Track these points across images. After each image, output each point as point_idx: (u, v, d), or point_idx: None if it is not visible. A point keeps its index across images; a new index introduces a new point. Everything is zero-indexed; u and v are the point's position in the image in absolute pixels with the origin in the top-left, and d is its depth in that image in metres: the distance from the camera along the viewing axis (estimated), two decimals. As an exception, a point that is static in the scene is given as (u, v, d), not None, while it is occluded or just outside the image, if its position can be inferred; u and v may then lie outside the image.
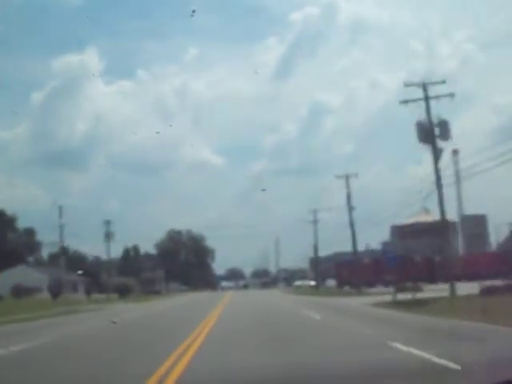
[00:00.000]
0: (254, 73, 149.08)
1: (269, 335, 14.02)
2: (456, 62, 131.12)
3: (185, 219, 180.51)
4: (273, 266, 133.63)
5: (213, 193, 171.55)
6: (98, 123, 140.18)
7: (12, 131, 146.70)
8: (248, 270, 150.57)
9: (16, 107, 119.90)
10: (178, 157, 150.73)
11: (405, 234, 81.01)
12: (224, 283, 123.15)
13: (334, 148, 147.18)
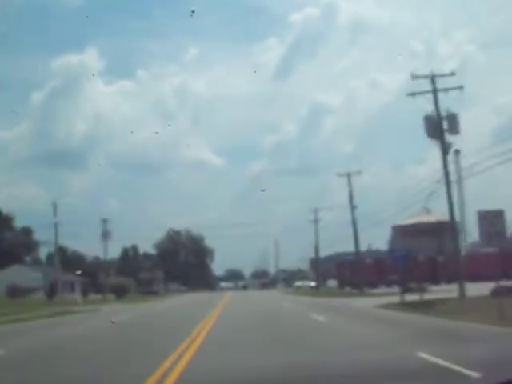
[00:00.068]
0: (254, 73, 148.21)
1: (269, 341, 12.61)
2: (456, 62, 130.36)
3: (184, 219, 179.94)
4: (272, 267, 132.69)
5: (212, 193, 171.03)
6: (98, 123, 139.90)
7: (11, 131, 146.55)
8: (247, 271, 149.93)
9: (16, 107, 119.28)
10: (178, 157, 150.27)
11: (406, 234, 79.98)
12: (223, 284, 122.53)
13: (334, 148, 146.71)
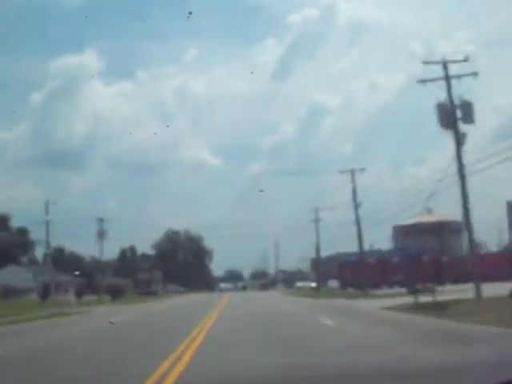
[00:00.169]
0: (251, 74, 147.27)
1: (269, 343, 11.40)
2: (456, 64, 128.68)
3: (183, 220, 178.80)
4: (272, 268, 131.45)
5: (211, 193, 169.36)
6: (97, 124, 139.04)
7: (10, 131, 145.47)
8: (246, 272, 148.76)
9: (15, 107, 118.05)
10: (177, 157, 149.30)
11: (407, 234, 78.87)
12: (222, 284, 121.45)
13: (333, 148, 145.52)
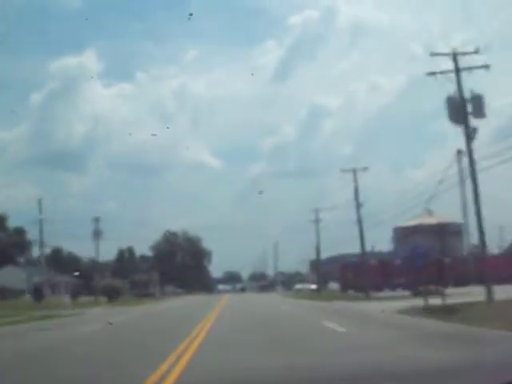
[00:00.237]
0: (251, 75, 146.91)
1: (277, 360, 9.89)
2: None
3: (183, 220, 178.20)
4: (270, 270, 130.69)
5: (211, 194, 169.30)
6: (97, 124, 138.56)
7: (10, 131, 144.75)
8: (245, 273, 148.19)
9: (15, 108, 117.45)
10: (177, 158, 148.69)
11: (408, 236, 78.13)
12: (221, 286, 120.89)
13: (333, 150, 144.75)
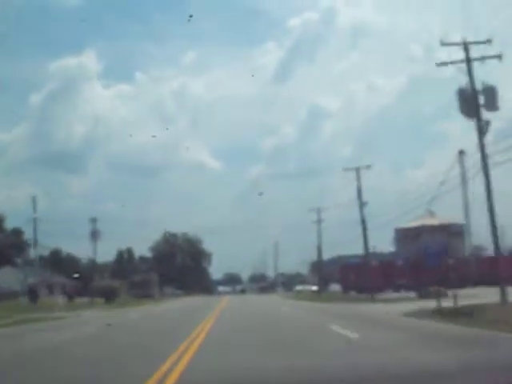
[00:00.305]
0: (251, 76, 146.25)
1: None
2: (455, 65, 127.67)
3: (183, 222, 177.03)
4: (271, 271, 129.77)
5: (211, 195, 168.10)
6: (97, 125, 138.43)
7: (10, 132, 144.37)
8: (245, 275, 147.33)
9: (14, 108, 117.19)
10: (177, 159, 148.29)
11: (409, 237, 77.22)
12: (221, 288, 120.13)
13: (333, 151, 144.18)
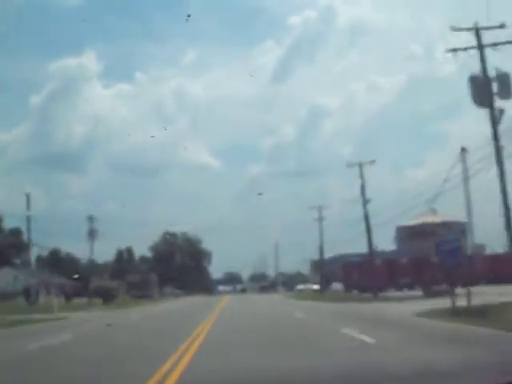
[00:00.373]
0: (251, 76, 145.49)
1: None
2: (455, 64, 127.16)
3: (183, 221, 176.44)
4: (271, 270, 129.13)
5: (211, 195, 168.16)
6: (97, 125, 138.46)
7: (10, 132, 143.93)
8: (245, 274, 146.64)
9: (14, 108, 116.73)
10: (176, 159, 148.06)
11: (411, 235, 76.45)
12: (221, 287, 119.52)
13: (333, 150, 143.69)
